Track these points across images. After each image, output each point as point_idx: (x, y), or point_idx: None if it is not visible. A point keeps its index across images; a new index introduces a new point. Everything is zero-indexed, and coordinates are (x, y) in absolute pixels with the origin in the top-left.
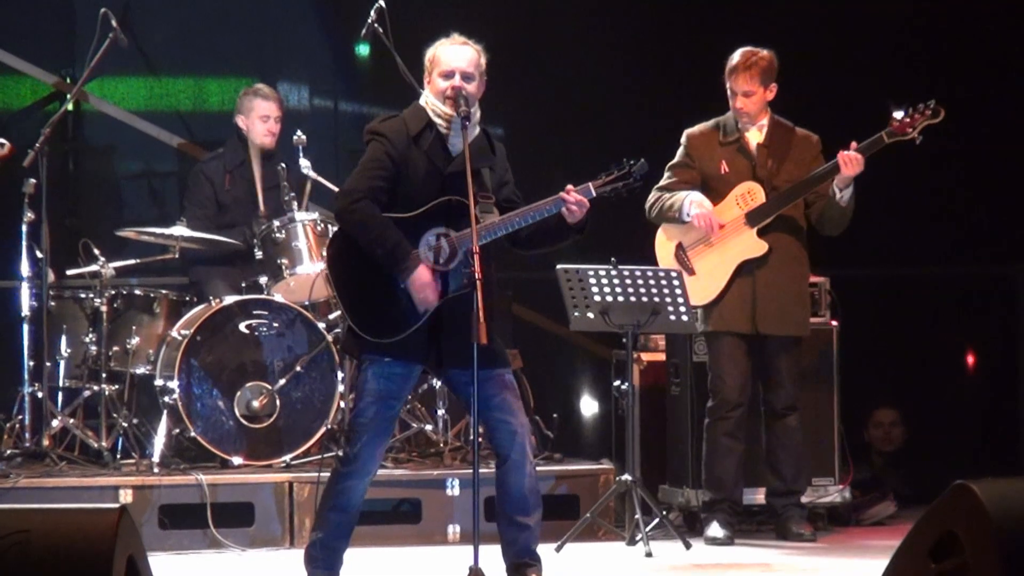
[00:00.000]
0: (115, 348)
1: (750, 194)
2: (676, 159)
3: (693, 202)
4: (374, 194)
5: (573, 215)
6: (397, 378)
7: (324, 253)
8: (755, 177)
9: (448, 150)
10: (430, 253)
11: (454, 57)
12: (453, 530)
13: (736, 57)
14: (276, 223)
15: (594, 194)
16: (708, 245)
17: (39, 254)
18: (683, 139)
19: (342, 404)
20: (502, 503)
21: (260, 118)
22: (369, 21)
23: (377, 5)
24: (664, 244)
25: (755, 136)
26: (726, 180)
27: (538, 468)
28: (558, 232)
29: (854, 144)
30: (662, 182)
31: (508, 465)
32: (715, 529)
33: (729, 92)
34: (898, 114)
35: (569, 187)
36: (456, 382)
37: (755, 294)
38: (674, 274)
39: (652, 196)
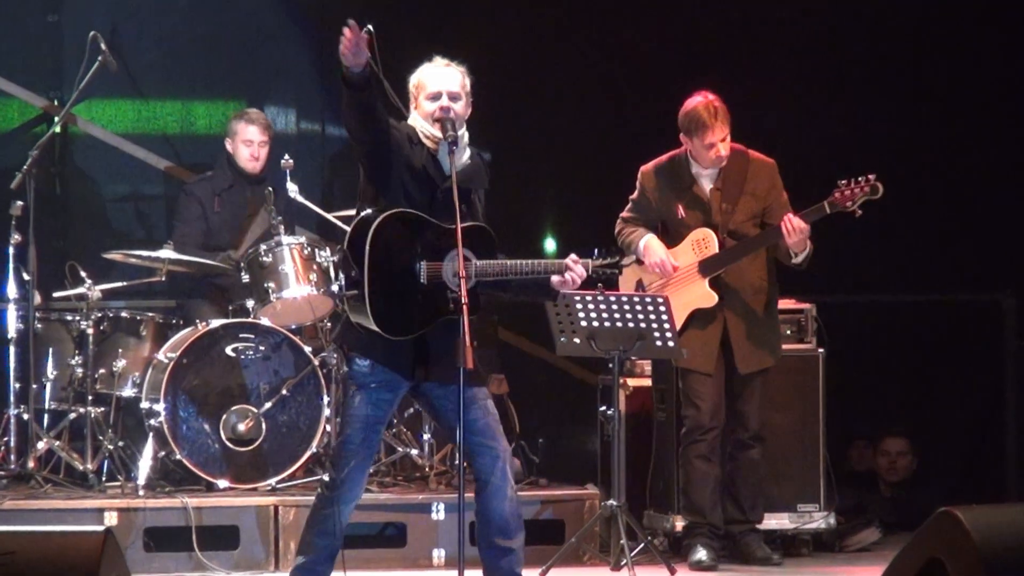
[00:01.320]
0: (101, 371)
1: (704, 241)
2: (635, 195)
3: (648, 248)
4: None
5: (564, 286)
6: (384, 404)
7: (346, 238)
8: (710, 223)
9: (440, 166)
10: (451, 273)
11: (440, 79)
12: (438, 554)
13: (700, 111)
14: (263, 247)
15: (589, 272)
16: (666, 286)
17: (26, 276)
18: (639, 178)
19: (328, 428)
20: (484, 528)
21: (244, 143)
22: None
23: (366, 29)
24: (626, 280)
25: (708, 182)
26: (684, 224)
27: (523, 493)
28: (538, 291)
29: (797, 216)
30: (625, 212)
31: (489, 490)
32: (699, 553)
33: (702, 147)
34: (841, 184)
35: (574, 256)
36: (437, 403)
37: (727, 336)
38: (660, 300)
39: (618, 225)
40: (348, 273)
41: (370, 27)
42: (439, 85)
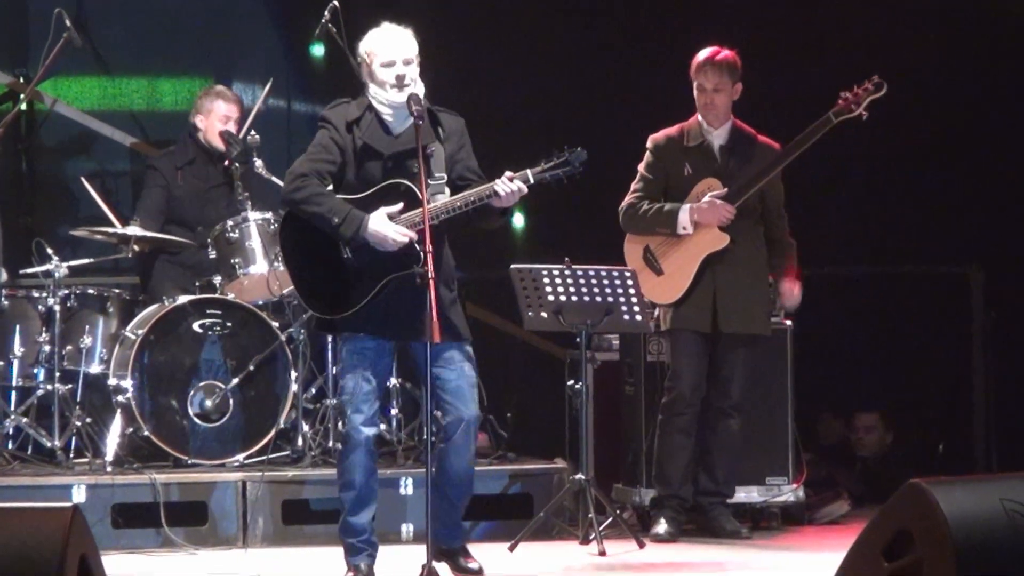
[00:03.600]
0: (68, 347)
1: (710, 189)
2: (644, 167)
3: (692, 209)
4: (319, 176)
5: (503, 202)
6: (369, 352)
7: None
8: (717, 176)
9: (389, 132)
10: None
11: (393, 46)
12: (407, 529)
13: (704, 53)
14: (230, 222)
15: (532, 180)
16: (674, 244)
17: None
18: (648, 144)
19: (294, 404)
20: (440, 478)
21: (220, 119)
22: (323, 21)
23: (331, 5)
24: (632, 248)
25: (718, 139)
26: (689, 181)
27: (492, 468)
28: (486, 215)
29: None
30: (635, 190)
31: (450, 445)
32: (660, 526)
33: (697, 89)
34: (843, 93)
35: (508, 173)
36: (417, 356)
37: (716, 292)
38: (627, 274)
39: (630, 201)
40: None
41: (335, 2)
42: (392, 53)
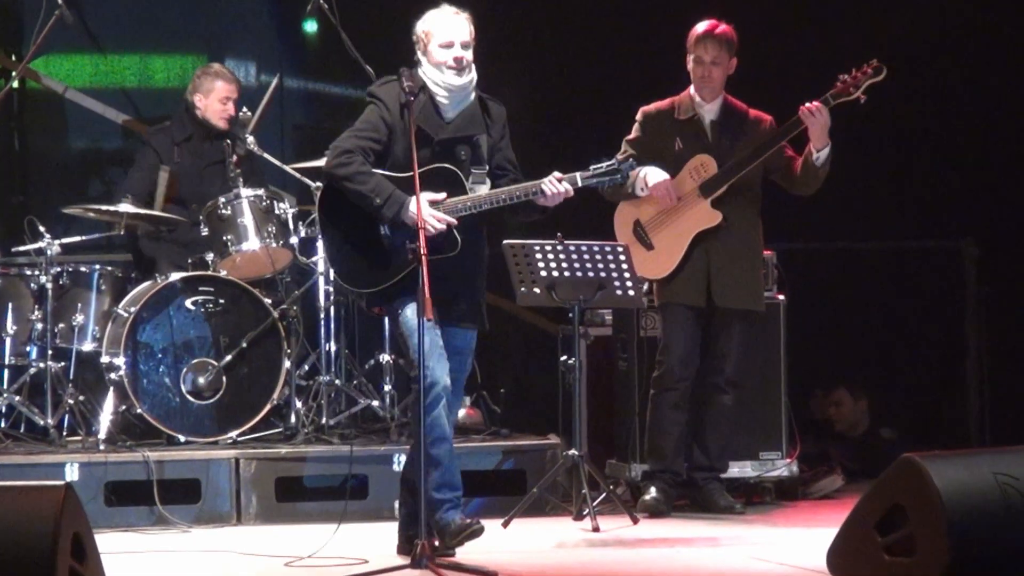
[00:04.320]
0: (61, 325)
1: (703, 166)
2: (631, 136)
3: (649, 173)
4: (364, 154)
5: (547, 201)
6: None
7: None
8: (708, 152)
9: (441, 116)
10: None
11: (452, 28)
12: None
13: (703, 25)
14: (222, 199)
15: (580, 184)
16: (665, 220)
17: None
18: (638, 116)
19: (288, 380)
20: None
21: (220, 99)
22: None
23: None
24: (622, 222)
25: (709, 114)
26: (680, 156)
27: (485, 444)
28: (525, 210)
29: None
30: (619, 154)
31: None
32: (650, 493)
33: (693, 61)
34: (841, 76)
35: (557, 174)
36: (447, 339)
37: (709, 266)
38: (620, 248)
39: None
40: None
41: None
42: (452, 34)
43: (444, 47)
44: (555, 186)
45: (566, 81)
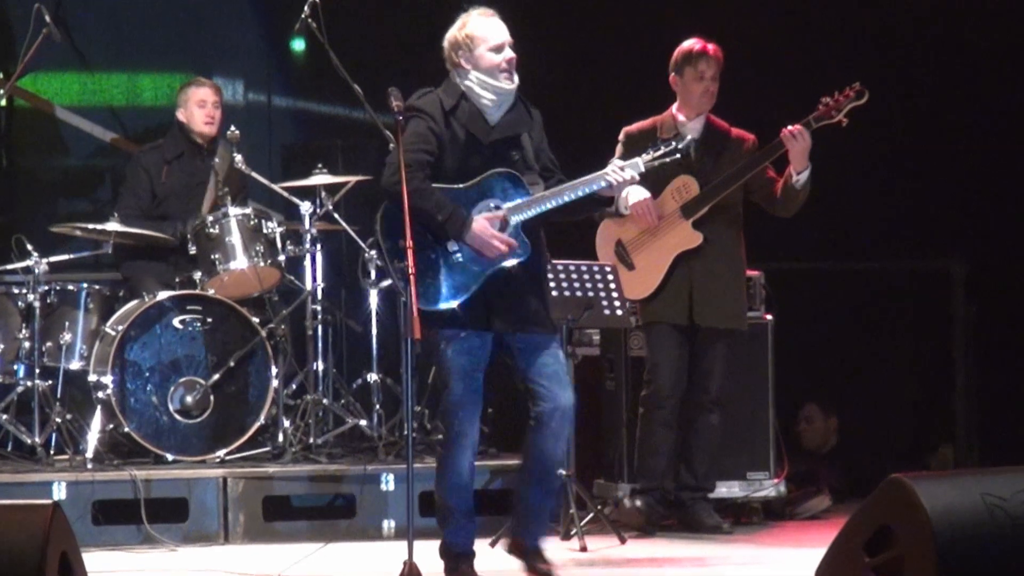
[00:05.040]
0: (48, 343)
1: (684, 187)
2: (615, 156)
3: (630, 192)
4: (420, 167)
5: (612, 190)
6: (475, 350)
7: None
8: (690, 173)
9: (486, 120)
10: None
11: (499, 30)
12: (388, 525)
13: (696, 43)
14: (210, 218)
15: (643, 169)
16: (647, 240)
17: None
18: (621, 136)
19: (274, 399)
20: (532, 465)
21: (197, 103)
22: (303, 16)
23: (311, 0)
24: (604, 241)
25: (692, 133)
26: (663, 176)
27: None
28: (589, 205)
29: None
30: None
31: (546, 432)
32: (635, 503)
33: (693, 79)
34: (824, 99)
35: (618, 161)
36: (514, 353)
37: (692, 285)
38: (608, 268)
39: None
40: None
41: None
42: (500, 37)
43: (494, 50)
44: (619, 174)
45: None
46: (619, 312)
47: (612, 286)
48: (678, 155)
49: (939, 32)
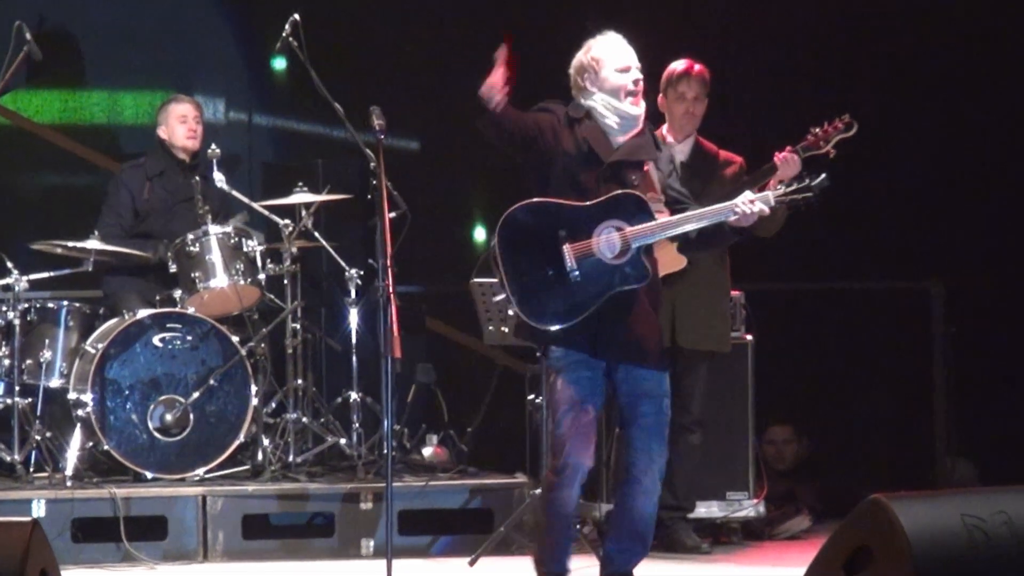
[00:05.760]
0: (28, 361)
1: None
2: None
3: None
4: (539, 126)
5: (740, 222)
6: (585, 382)
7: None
8: None
9: (609, 141)
10: (606, 248)
11: (625, 52)
12: (367, 545)
13: (682, 64)
14: (190, 236)
15: (773, 204)
16: None
17: None
18: None
19: (254, 417)
20: (621, 522)
21: (179, 119)
22: (284, 34)
23: (292, 19)
24: None
25: (680, 155)
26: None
27: (452, 482)
28: (720, 235)
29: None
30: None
31: (639, 488)
32: None
33: (676, 100)
34: (812, 129)
35: (748, 194)
36: (618, 381)
37: (674, 307)
38: None
39: None
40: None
41: (296, 16)
42: (628, 59)
43: (621, 71)
44: (749, 206)
45: None
46: None
47: None
48: (810, 193)
49: (917, 56)
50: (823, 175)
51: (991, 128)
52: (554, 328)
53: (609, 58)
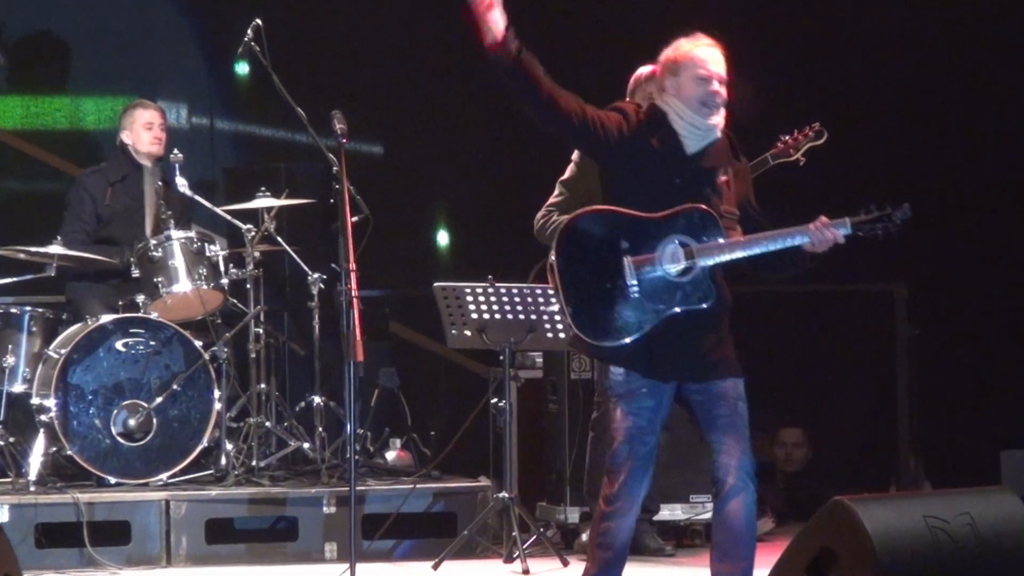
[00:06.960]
0: None
1: None
2: (567, 175)
3: None
4: (586, 112)
5: (814, 247)
6: (646, 412)
7: (553, 244)
8: None
9: (683, 149)
10: (669, 264)
11: (711, 60)
12: (330, 548)
13: (647, 68)
14: (153, 241)
15: (850, 230)
16: None
17: None
18: (575, 157)
19: (218, 422)
20: (721, 537)
21: (144, 126)
22: (246, 39)
23: (254, 23)
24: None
25: None
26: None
27: (416, 485)
28: (795, 259)
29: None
30: (552, 199)
31: (727, 491)
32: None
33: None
34: (783, 137)
35: (823, 218)
36: (693, 402)
37: None
38: (550, 291)
39: (542, 213)
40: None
41: (258, 21)
42: (712, 67)
43: (700, 79)
44: (823, 232)
45: None
46: (561, 335)
47: (554, 309)
48: (890, 223)
49: (888, 63)
50: (906, 205)
51: (954, 135)
52: (607, 345)
53: (692, 62)
